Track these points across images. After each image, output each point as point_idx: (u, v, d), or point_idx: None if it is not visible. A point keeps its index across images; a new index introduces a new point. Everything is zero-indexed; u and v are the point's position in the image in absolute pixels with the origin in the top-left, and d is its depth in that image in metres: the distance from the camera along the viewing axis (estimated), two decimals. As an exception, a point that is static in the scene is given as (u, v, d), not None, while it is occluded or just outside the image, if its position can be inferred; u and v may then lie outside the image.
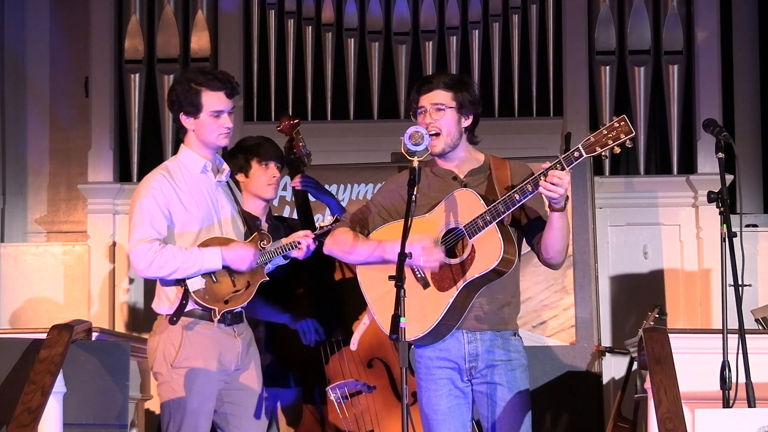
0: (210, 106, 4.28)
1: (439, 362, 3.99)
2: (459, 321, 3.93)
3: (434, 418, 4.00)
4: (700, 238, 7.06)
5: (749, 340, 4.03)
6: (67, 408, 4.34)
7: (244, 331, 4.40)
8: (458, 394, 4.00)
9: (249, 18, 7.51)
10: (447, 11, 7.38)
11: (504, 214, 3.83)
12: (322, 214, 6.67)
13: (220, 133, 4.31)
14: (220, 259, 4.24)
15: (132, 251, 4.21)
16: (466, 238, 3.88)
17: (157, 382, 4.31)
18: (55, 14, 7.76)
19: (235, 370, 4.34)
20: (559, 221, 3.85)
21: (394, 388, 4.96)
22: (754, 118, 7.51)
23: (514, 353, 3.99)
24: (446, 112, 4.01)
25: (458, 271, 3.88)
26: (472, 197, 3.90)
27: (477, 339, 3.97)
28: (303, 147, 5.14)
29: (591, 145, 3.77)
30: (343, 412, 4.93)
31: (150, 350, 4.34)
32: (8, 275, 7.40)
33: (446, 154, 4.04)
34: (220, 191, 4.40)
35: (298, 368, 5.04)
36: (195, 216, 4.28)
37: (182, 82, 4.31)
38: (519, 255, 4.00)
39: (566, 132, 7.02)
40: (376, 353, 4.97)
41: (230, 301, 4.28)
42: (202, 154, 4.36)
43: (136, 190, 4.33)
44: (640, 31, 7.28)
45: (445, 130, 4.01)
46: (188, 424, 4.21)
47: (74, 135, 7.71)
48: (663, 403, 4.00)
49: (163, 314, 4.31)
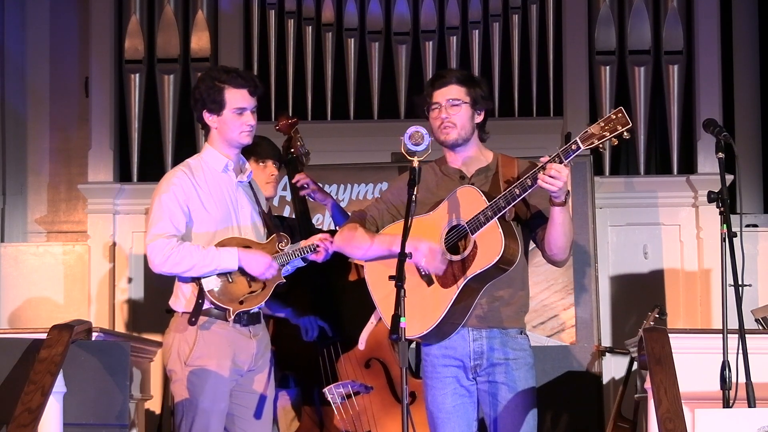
0: (233, 103, 4.29)
1: (445, 360, 3.99)
2: (464, 318, 3.92)
3: (439, 416, 4.01)
4: (700, 238, 7.05)
5: (749, 340, 4.04)
6: (67, 408, 4.35)
7: (260, 333, 4.40)
8: (463, 392, 4.00)
9: (249, 18, 7.51)
10: (447, 11, 7.37)
11: (505, 209, 3.82)
12: (322, 214, 6.68)
13: (242, 131, 4.32)
14: (236, 260, 4.23)
15: (149, 246, 4.22)
16: (469, 234, 3.87)
17: (171, 380, 4.31)
18: (55, 14, 7.76)
19: (248, 371, 4.34)
20: (561, 216, 3.84)
21: (391, 388, 4.96)
22: (754, 118, 7.51)
23: (519, 351, 3.99)
24: (462, 107, 4.02)
25: (460, 267, 3.87)
26: (474, 194, 3.90)
27: (482, 337, 3.96)
28: (301, 146, 5.14)
29: (588, 138, 3.77)
30: (340, 413, 4.93)
31: (165, 347, 4.34)
32: (8, 275, 7.40)
33: (459, 146, 4.05)
34: (241, 191, 4.40)
35: (297, 369, 5.05)
36: (214, 215, 4.29)
37: (206, 80, 4.34)
38: (525, 252, 4.00)
39: (566, 132, 7.02)
40: (373, 353, 4.97)
41: (245, 301, 4.28)
42: (225, 153, 4.37)
43: (157, 186, 4.34)
44: (640, 31, 7.28)
45: (459, 124, 4.02)
46: (200, 422, 4.21)
47: (74, 135, 7.71)
48: (663, 403, 4.00)
49: (179, 312, 4.32)
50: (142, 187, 7.30)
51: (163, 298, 6.77)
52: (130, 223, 7.30)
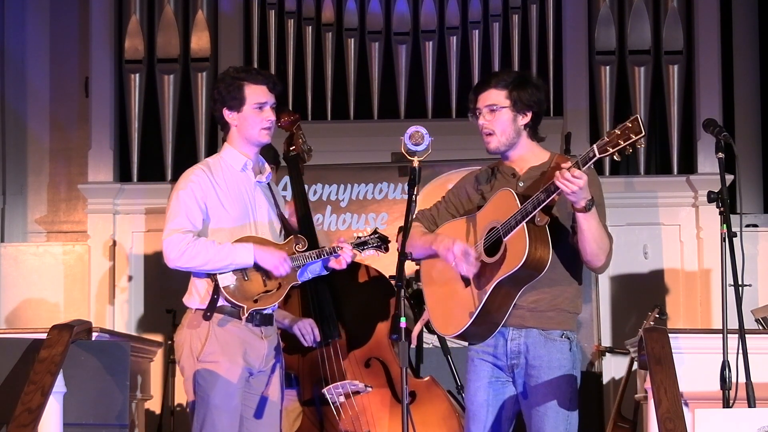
0: (253, 99, 4.30)
1: (484, 356, 4.00)
2: (503, 319, 3.91)
3: (471, 408, 4.02)
4: (700, 238, 7.06)
5: (749, 340, 4.03)
6: (67, 408, 4.35)
7: (272, 335, 4.39)
8: (498, 388, 3.99)
9: (249, 18, 7.51)
10: (447, 11, 7.38)
11: (532, 213, 3.81)
12: (322, 214, 6.69)
13: (262, 127, 4.32)
14: (252, 256, 4.23)
15: (165, 240, 4.22)
16: (502, 237, 3.88)
17: (183, 377, 4.31)
18: (55, 14, 7.76)
19: (259, 372, 4.33)
20: (585, 222, 3.82)
21: (391, 388, 4.96)
22: (754, 118, 7.52)
23: (557, 354, 3.94)
24: (500, 112, 4.00)
25: (493, 269, 3.87)
26: (510, 197, 3.90)
27: (521, 336, 3.95)
28: (303, 143, 5.14)
29: (604, 146, 3.76)
30: (340, 414, 4.93)
31: (178, 344, 4.34)
32: (8, 275, 7.40)
33: (504, 153, 4.05)
34: (259, 192, 4.40)
35: (298, 369, 5.05)
36: (231, 213, 4.30)
37: (225, 78, 4.36)
38: (573, 254, 3.93)
39: (566, 132, 7.02)
40: (373, 353, 4.97)
41: (259, 300, 4.27)
42: (244, 153, 4.37)
43: (175, 184, 4.35)
44: (640, 31, 7.28)
45: (498, 130, 4.00)
46: (211, 419, 4.21)
47: (74, 135, 7.71)
48: (663, 403, 4.00)
49: (193, 308, 4.31)
50: (142, 187, 7.30)
51: (163, 298, 6.83)
52: (130, 223, 7.30)
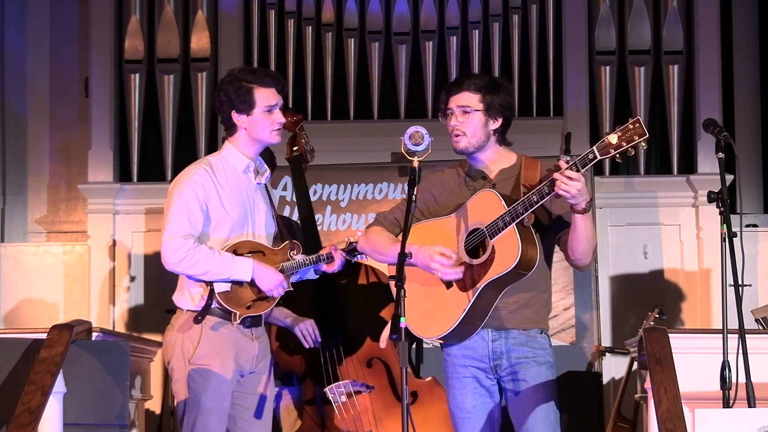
0: (263, 102, 4.29)
1: (465, 360, 4.00)
2: (484, 320, 3.93)
3: (459, 416, 4.02)
4: (700, 238, 7.06)
5: (749, 340, 4.03)
6: (67, 408, 4.35)
7: (262, 335, 4.40)
8: (483, 392, 4.01)
9: (249, 18, 7.51)
10: (447, 11, 7.37)
11: (523, 215, 3.82)
12: (322, 214, 6.68)
13: (272, 129, 4.32)
14: (250, 273, 4.23)
15: (165, 243, 4.19)
16: (488, 239, 3.88)
17: (173, 378, 4.30)
18: (55, 14, 7.76)
19: (250, 372, 4.34)
20: (582, 223, 3.85)
21: (393, 388, 4.95)
22: (754, 118, 7.51)
23: (539, 350, 3.99)
24: (472, 114, 4.01)
25: (479, 271, 3.88)
26: (494, 198, 3.90)
27: (502, 337, 3.97)
28: (306, 143, 5.13)
29: (605, 147, 3.77)
30: (341, 413, 4.93)
31: (167, 344, 4.33)
32: (8, 275, 7.40)
33: (471, 154, 4.05)
34: (258, 193, 4.40)
35: (299, 368, 5.05)
36: (231, 215, 4.29)
37: (232, 81, 4.32)
38: (549, 255, 4.00)
39: (566, 132, 7.02)
40: (375, 353, 4.97)
41: (252, 306, 4.28)
42: (247, 154, 4.36)
43: (175, 181, 4.31)
44: (640, 31, 7.28)
45: (469, 132, 4.01)
46: (202, 421, 4.21)
47: (74, 135, 7.71)
48: (663, 403, 4.00)
49: (184, 309, 4.30)
50: (142, 187, 7.30)
51: (163, 298, 6.81)
52: (130, 223, 7.30)
